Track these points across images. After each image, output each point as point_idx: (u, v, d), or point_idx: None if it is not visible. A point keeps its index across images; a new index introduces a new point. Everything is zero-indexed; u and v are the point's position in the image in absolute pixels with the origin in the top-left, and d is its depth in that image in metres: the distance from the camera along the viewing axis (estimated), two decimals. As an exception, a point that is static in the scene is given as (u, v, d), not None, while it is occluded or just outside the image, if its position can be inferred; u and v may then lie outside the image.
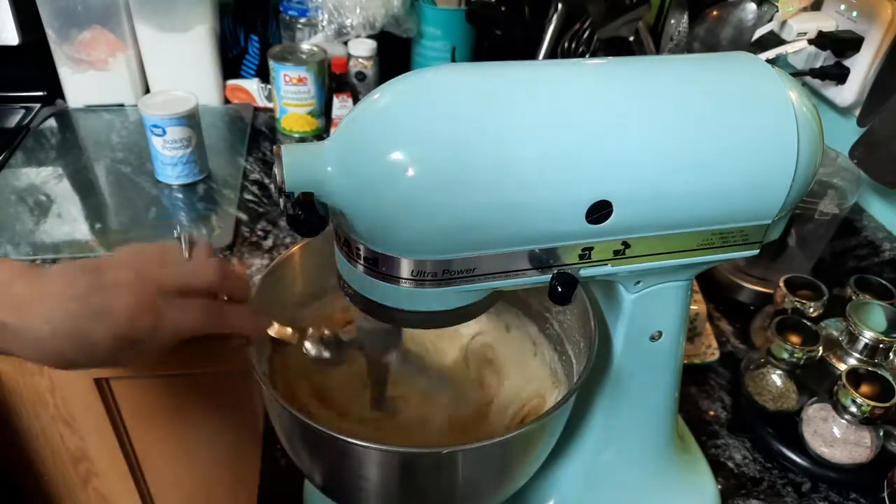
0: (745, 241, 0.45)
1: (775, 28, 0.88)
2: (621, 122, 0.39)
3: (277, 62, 1.07)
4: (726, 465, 0.69)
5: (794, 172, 0.41)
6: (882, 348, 0.66)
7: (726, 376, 0.79)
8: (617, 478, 0.59)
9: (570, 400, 0.46)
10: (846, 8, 0.84)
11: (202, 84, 1.15)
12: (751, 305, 0.87)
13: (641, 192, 0.40)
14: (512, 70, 0.40)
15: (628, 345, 0.51)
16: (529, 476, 0.52)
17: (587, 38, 1.01)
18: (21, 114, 1.13)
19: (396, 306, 0.42)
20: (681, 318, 0.52)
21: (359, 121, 0.39)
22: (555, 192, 0.38)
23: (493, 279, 0.41)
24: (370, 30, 1.13)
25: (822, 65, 0.88)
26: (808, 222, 0.83)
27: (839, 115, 0.91)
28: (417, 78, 0.39)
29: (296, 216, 0.36)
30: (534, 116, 0.38)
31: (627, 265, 0.43)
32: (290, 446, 0.50)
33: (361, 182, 0.38)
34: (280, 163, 0.38)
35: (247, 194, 0.99)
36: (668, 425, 0.59)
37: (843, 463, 0.66)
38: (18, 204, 0.93)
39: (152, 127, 0.94)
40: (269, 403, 0.46)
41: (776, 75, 0.42)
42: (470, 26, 1.15)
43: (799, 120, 0.41)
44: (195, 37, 1.12)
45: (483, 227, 0.38)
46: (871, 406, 0.61)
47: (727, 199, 0.42)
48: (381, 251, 0.39)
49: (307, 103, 1.11)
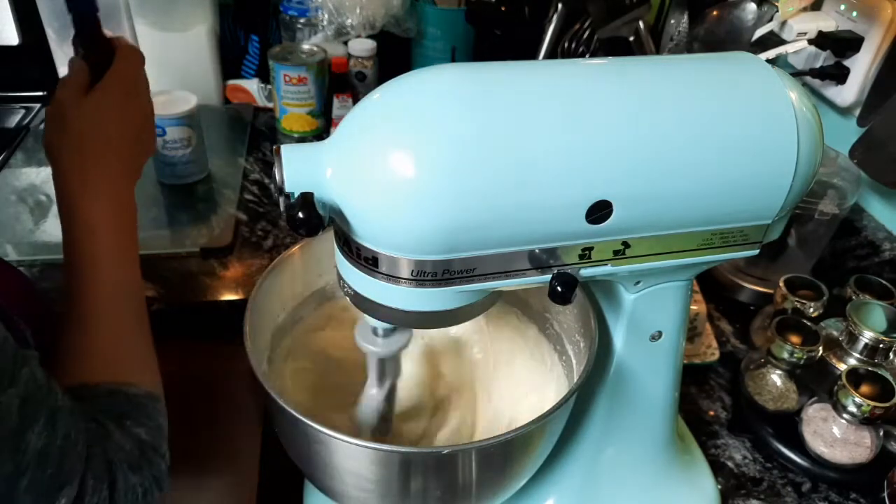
0: (745, 241, 0.45)
1: (775, 28, 0.88)
2: (621, 123, 0.39)
3: (277, 62, 1.07)
4: (726, 465, 0.69)
5: (794, 172, 0.41)
6: (882, 348, 0.66)
7: (726, 376, 0.79)
8: (617, 478, 0.59)
9: (570, 400, 0.46)
10: (846, 8, 0.84)
11: (202, 84, 1.15)
12: (751, 305, 0.87)
13: (641, 192, 0.40)
14: (512, 70, 0.40)
15: (628, 345, 0.51)
16: (529, 476, 0.52)
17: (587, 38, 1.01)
18: (21, 114, 1.13)
19: (396, 306, 0.42)
20: (681, 318, 0.52)
21: (359, 121, 0.39)
22: (555, 192, 0.38)
23: (493, 279, 0.41)
24: (370, 30, 1.13)
25: (822, 65, 0.88)
26: (808, 222, 0.83)
27: (839, 115, 0.91)
28: (417, 78, 0.39)
29: (295, 216, 0.36)
30: (534, 117, 0.38)
31: (627, 265, 0.43)
32: (290, 446, 0.50)
33: (361, 182, 0.38)
34: (280, 163, 0.38)
35: (247, 194, 0.99)
36: (668, 425, 0.59)
37: (843, 463, 0.66)
38: (18, 204, 0.93)
39: (152, 127, 0.94)
40: (269, 403, 0.46)
41: (776, 75, 0.42)
42: (470, 26, 1.15)
43: (799, 120, 0.41)
44: (195, 37, 1.12)
45: (483, 226, 0.38)
46: (871, 406, 0.61)
47: (727, 199, 0.42)
48: (381, 251, 0.39)
49: (307, 103, 1.11)
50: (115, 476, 0.44)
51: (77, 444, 0.41)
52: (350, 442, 0.42)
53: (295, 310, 0.59)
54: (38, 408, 0.39)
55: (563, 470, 0.59)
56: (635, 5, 0.92)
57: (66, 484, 0.40)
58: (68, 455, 0.40)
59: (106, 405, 0.48)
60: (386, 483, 0.46)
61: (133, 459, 0.46)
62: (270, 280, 0.54)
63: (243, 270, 0.86)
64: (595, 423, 0.56)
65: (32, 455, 0.38)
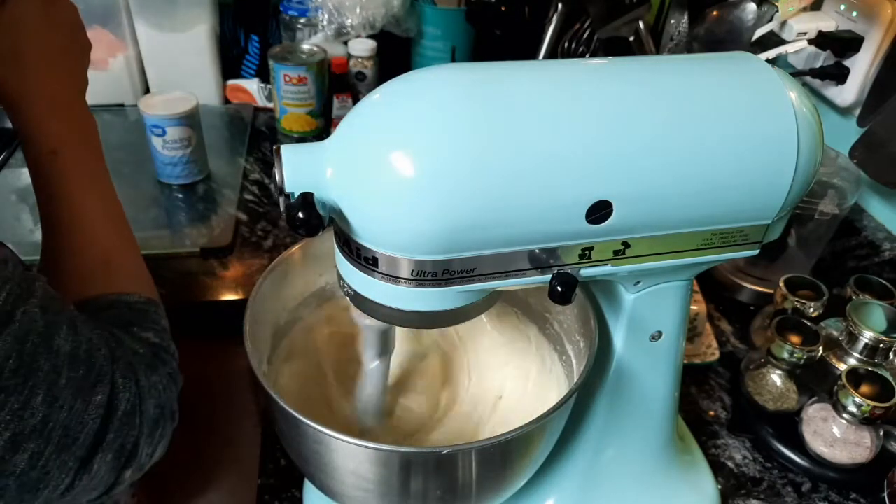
0: (745, 241, 0.45)
1: (775, 28, 0.88)
2: (621, 123, 0.39)
3: (277, 62, 1.07)
4: (726, 465, 0.69)
5: (794, 172, 0.41)
6: (882, 348, 0.66)
7: (726, 376, 0.79)
8: (617, 478, 0.59)
9: (570, 400, 0.46)
10: (846, 8, 0.84)
11: (202, 84, 1.15)
12: (751, 305, 0.87)
13: (641, 191, 0.40)
14: (512, 70, 0.40)
15: (628, 345, 0.51)
16: (530, 476, 0.52)
17: (587, 38, 1.01)
18: (21, 114, 1.13)
19: (396, 306, 0.42)
20: (681, 318, 0.52)
21: (359, 121, 0.39)
22: (555, 192, 0.38)
23: (493, 279, 0.41)
24: (370, 30, 1.13)
25: (822, 65, 0.88)
26: (808, 222, 0.83)
27: (839, 115, 0.91)
28: (417, 78, 0.39)
29: (295, 216, 0.36)
30: (534, 117, 0.38)
31: (627, 265, 0.43)
32: (290, 446, 0.50)
33: (361, 182, 0.38)
34: (280, 163, 0.38)
35: (247, 194, 0.99)
36: (668, 425, 0.59)
37: (843, 463, 0.66)
38: (18, 204, 0.93)
39: (152, 127, 0.94)
40: (269, 403, 0.46)
41: (776, 75, 0.42)
42: (470, 26, 1.15)
43: (799, 120, 0.41)
44: (195, 37, 1.12)
45: (483, 226, 0.38)
46: (871, 406, 0.61)
47: (727, 200, 0.42)
48: (381, 251, 0.39)
49: (307, 103, 1.11)
50: (139, 376, 0.47)
51: (101, 347, 0.45)
52: (350, 442, 0.42)
53: (295, 310, 0.59)
54: (58, 316, 0.43)
55: (562, 470, 0.59)
56: (635, 5, 0.92)
57: (99, 382, 0.44)
58: (95, 356, 0.44)
59: (110, 316, 0.51)
60: (386, 483, 0.46)
61: (149, 361, 0.49)
62: (270, 280, 0.54)
63: (243, 270, 0.86)
64: (595, 423, 0.56)
65: (64, 356, 0.42)
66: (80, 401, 0.42)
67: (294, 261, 0.57)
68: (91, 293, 0.52)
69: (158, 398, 0.48)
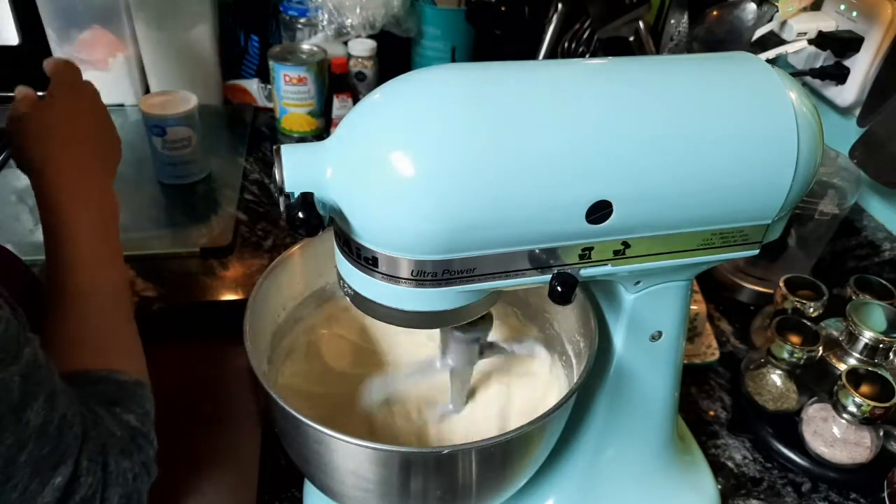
0: (745, 241, 0.45)
1: (775, 28, 0.88)
2: (621, 122, 0.39)
3: (277, 62, 1.07)
4: (726, 465, 0.69)
5: (794, 172, 0.41)
6: (882, 348, 0.66)
7: (726, 376, 0.79)
8: (617, 478, 0.59)
9: (570, 400, 0.46)
10: (846, 8, 0.84)
11: (202, 84, 1.15)
12: (751, 305, 0.87)
13: (641, 192, 0.40)
14: (512, 70, 0.40)
15: (628, 345, 0.51)
16: (530, 476, 0.52)
17: (587, 38, 1.01)
18: (21, 114, 1.13)
19: (396, 306, 0.42)
20: (681, 318, 0.52)
21: (359, 121, 0.39)
22: (555, 192, 0.38)
23: (493, 279, 0.41)
24: (370, 30, 1.13)
25: (822, 65, 0.88)
26: (808, 222, 0.83)
27: (839, 115, 0.91)
28: (417, 78, 0.39)
29: (295, 216, 0.36)
30: (534, 117, 0.38)
31: (627, 265, 0.43)
32: (290, 446, 0.50)
33: (361, 182, 0.38)
34: (280, 163, 0.38)
35: (247, 194, 0.99)
36: (668, 425, 0.59)
37: (843, 463, 0.66)
38: (18, 204, 0.93)
39: (152, 127, 0.94)
40: (269, 403, 0.46)
41: (776, 75, 0.42)
42: (470, 26, 1.15)
43: (799, 120, 0.41)
44: (195, 37, 1.12)
45: (483, 226, 0.38)
46: (871, 406, 0.61)
47: (727, 199, 0.42)
48: (381, 251, 0.39)
49: (307, 103, 1.11)
50: (108, 460, 0.45)
51: (73, 425, 0.43)
52: (350, 442, 0.42)
53: (295, 310, 0.59)
54: (38, 386, 0.41)
55: (562, 470, 0.59)
56: (635, 5, 0.92)
57: (62, 463, 0.41)
58: (65, 434, 0.42)
59: (96, 392, 0.49)
60: (386, 483, 0.46)
61: (124, 445, 0.47)
62: (270, 280, 0.54)
63: (243, 270, 0.86)
64: (595, 423, 0.56)
65: (32, 430, 0.39)
66: (37, 482, 0.40)
67: (294, 261, 0.57)
68: (84, 365, 0.51)
69: (125, 487, 0.45)
